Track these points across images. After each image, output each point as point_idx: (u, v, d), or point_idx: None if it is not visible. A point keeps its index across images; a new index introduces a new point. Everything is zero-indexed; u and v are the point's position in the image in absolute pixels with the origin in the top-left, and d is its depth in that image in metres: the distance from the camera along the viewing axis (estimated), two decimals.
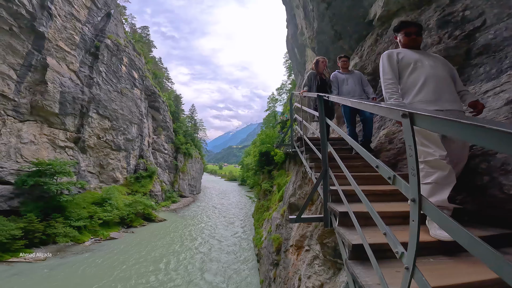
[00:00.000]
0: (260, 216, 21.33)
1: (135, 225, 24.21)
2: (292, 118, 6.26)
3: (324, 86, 4.76)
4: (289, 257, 9.67)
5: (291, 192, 10.94)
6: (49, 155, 21.88)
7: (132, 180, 31.85)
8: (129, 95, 32.22)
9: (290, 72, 41.90)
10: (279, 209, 14.43)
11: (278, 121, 37.17)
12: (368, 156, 1.46)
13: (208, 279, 14.70)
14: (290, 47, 18.49)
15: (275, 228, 13.24)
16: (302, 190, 9.72)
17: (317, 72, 4.92)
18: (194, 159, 51.62)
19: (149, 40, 51.36)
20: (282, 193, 17.18)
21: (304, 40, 14.07)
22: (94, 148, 27.11)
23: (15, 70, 18.79)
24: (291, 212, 10.75)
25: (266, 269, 12.73)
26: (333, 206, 2.45)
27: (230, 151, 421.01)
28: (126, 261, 16.18)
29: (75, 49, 23.57)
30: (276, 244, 11.72)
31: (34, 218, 17.04)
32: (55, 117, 22.26)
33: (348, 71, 4.68)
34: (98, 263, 15.59)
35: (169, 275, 14.87)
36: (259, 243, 16.47)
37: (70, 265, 14.98)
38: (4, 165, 18.14)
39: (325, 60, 5.04)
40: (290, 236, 10.03)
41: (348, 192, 2.35)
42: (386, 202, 2.55)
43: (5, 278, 12.58)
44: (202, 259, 17.69)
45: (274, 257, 11.54)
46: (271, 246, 12.24)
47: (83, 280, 13.41)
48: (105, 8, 27.20)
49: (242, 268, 16.23)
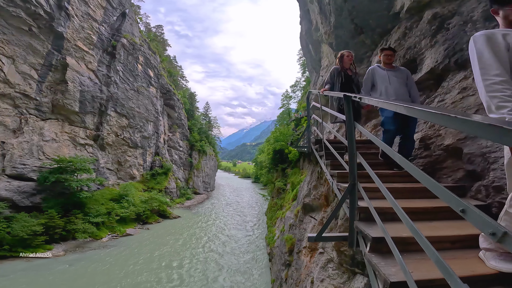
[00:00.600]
0: (273, 215, 21.12)
1: (150, 222, 24.64)
2: (309, 118, 5.87)
3: (349, 84, 4.23)
4: (301, 259, 9.44)
5: (305, 192, 10.59)
6: (70, 152, 22.60)
7: (148, 177, 32.49)
8: (145, 93, 32.75)
9: (304, 69, 41.31)
10: (293, 209, 14.14)
11: (293, 119, 36.62)
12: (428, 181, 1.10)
13: (219, 276, 14.71)
14: (304, 44, 17.96)
15: (288, 228, 12.98)
16: (318, 191, 9.36)
17: (342, 67, 4.35)
18: (208, 156, 52.03)
19: (164, 39, 51.99)
20: (296, 192, 16.82)
21: (319, 36, 13.58)
22: (112, 146, 27.79)
23: (36, 70, 19.44)
24: (305, 212, 10.44)
25: (277, 269, 12.57)
26: (363, 227, 2.11)
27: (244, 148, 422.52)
28: (141, 257, 16.42)
29: (93, 49, 24.11)
30: (289, 244, 11.47)
31: (55, 214, 17.61)
32: (75, 115, 22.92)
33: (392, 67, 3.82)
34: (115, 259, 15.92)
35: (181, 272, 14.97)
36: (272, 242, 16.27)
37: (88, 260, 15.38)
38: (26, 162, 18.87)
39: (350, 54, 4.41)
40: (304, 237, 9.78)
41: (381, 209, 2.02)
42: (427, 222, 2.20)
43: (25, 274, 13.02)
44: (214, 256, 17.72)
45: (286, 258, 11.32)
46: (284, 246, 12.02)
47: (100, 276, 13.71)
48: (120, 8, 27.63)
49: (254, 266, 16.11)
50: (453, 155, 2.90)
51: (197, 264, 16.07)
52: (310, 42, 16.14)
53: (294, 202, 15.63)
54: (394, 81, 3.60)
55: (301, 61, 42.26)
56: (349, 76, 4.29)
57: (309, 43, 16.59)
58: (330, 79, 4.37)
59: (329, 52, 11.60)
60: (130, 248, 17.98)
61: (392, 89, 3.57)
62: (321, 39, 13.55)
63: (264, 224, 25.08)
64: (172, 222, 25.66)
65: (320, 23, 10.74)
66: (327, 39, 9.87)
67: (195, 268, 15.42)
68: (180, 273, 14.67)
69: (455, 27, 3.50)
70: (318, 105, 4.41)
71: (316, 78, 16.90)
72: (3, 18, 16.68)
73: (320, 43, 14.43)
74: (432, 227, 2.11)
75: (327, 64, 13.03)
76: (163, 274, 14.46)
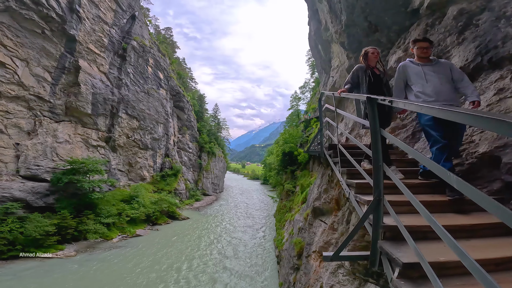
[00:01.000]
0: (282, 217, 20.87)
1: (159, 223, 24.78)
2: (322, 121, 5.58)
3: (379, 85, 3.65)
4: (311, 263, 9.26)
5: (315, 195, 10.34)
6: (83, 153, 23.00)
7: (158, 178, 32.78)
8: (155, 96, 33.09)
9: (313, 70, 41.13)
10: (302, 212, 13.91)
11: (302, 120, 36.27)
12: None
13: (227, 278, 14.65)
14: (313, 44, 17.67)
15: (297, 231, 12.77)
16: (328, 194, 9.11)
17: (367, 66, 3.75)
18: (217, 158, 52.17)
19: (173, 41, 52.58)
20: (305, 194, 16.53)
21: (328, 36, 13.30)
22: (123, 147, 28.17)
23: (49, 73, 19.86)
24: (315, 216, 10.19)
25: (286, 272, 12.38)
26: (390, 248, 1.86)
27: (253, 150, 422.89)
28: (149, 259, 16.45)
29: (104, 51, 24.52)
30: (298, 248, 11.26)
31: (68, 214, 17.90)
32: (88, 117, 23.33)
33: (429, 61, 3.11)
34: (124, 260, 15.99)
35: (188, 275, 14.92)
36: (280, 245, 16.06)
37: (98, 261, 15.50)
38: (40, 163, 19.28)
39: (376, 50, 3.79)
40: (313, 242, 9.57)
41: (411, 228, 1.77)
42: (464, 240, 1.93)
43: (36, 274, 13.22)
44: (221, 258, 17.62)
45: (295, 261, 11.14)
46: (293, 250, 11.82)
47: (108, 277, 13.77)
48: (130, 11, 28.02)
49: (262, 269, 15.95)
50: (489, 164, 2.60)
51: (204, 267, 15.96)
52: (319, 42, 15.83)
53: (303, 205, 15.34)
54: (433, 78, 2.95)
55: (310, 62, 42.05)
56: (377, 75, 3.70)
57: (318, 43, 16.28)
58: (351, 78, 3.79)
59: (340, 52, 11.28)
60: (140, 249, 18.06)
61: (430, 88, 2.93)
62: (331, 39, 13.24)
63: (272, 226, 24.81)
64: (181, 224, 25.72)
65: (330, 22, 10.48)
66: (338, 39, 9.58)
67: (203, 271, 15.31)
68: (188, 276, 14.59)
69: (486, 23, 3.20)
70: (332, 108, 4.13)
71: (326, 79, 16.57)
72: (16, 21, 17.07)
73: (329, 43, 14.11)
74: (471, 247, 1.84)
75: (337, 64, 12.72)
76: (170, 277, 14.40)
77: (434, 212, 2.27)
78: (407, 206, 2.19)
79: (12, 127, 17.86)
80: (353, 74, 3.79)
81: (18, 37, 17.32)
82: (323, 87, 17.69)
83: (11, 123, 17.74)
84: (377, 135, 1.88)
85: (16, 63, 17.39)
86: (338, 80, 11.72)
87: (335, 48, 13.01)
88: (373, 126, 1.91)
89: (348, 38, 7.97)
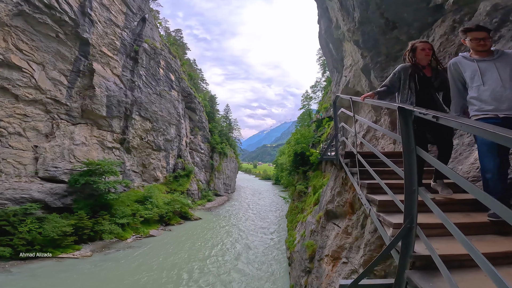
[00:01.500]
0: (294, 218, 20.62)
1: (172, 223, 25.04)
2: (337, 126, 5.28)
3: (428, 90, 2.82)
4: (323, 267, 9.07)
5: (328, 198, 10.07)
6: (99, 155, 23.56)
7: (171, 179, 33.19)
8: (167, 97, 33.49)
9: (324, 69, 40.56)
10: (315, 214, 13.66)
11: (314, 120, 35.73)
12: None
13: (238, 279, 14.62)
14: (324, 43, 17.25)
15: (310, 234, 12.57)
16: (342, 198, 8.82)
17: (414, 66, 2.88)
18: (229, 158, 52.32)
19: (183, 43, 53.04)
20: (318, 196, 16.22)
21: (340, 34, 12.90)
22: (137, 149, 28.67)
23: (65, 76, 20.41)
24: (328, 219, 9.93)
25: (297, 275, 12.24)
26: (420, 281, 1.61)
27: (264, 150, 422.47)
28: (162, 260, 16.58)
29: (117, 54, 24.97)
30: (310, 251, 11.05)
31: (84, 215, 18.35)
32: (103, 119, 23.86)
33: (489, 54, 2.33)
34: (137, 261, 16.19)
35: (200, 274, 15.03)
36: (292, 246, 15.86)
37: (113, 261, 15.78)
38: (58, 165, 19.87)
39: (428, 45, 2.85)
40: (326, 245, 9.35)
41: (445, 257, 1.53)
42: (506, 267, 1.66)
43: (53, 274, 13.57)
44: (234, 258, 17.60)
45: (306, 264, 10.96)
46: (304, 252, 11.65)
47: (122, 277, 13.96)
48: (140, 13, 28.38)
49: (273, 270, 15.82)
50: None
51: (215, 268, 15.92)
52: (331, 41, 15.42)
53: (316, 207, 15.04)
54: (493, 77, 2.19)
55: (321, 61, 41.49)
56: (427, 78, 2.82)
57: (329, 42, 15.87)
58: (390, 81, 2.99)
59: (353, 51, 10.87)
60: (153, 250, 18.27)
61: (488, 92, 2.19)
62: (343, 37, 12.80)
63: (284, 227, 24.55)
64: (193, 224, 25.88)
65: (342, 20, 10.12)
66: (351, 37, 9.21)
67: (213, 273, 15.29)
68: (198, 278, 14.57)
69: None
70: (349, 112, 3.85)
71: (339, 78, 16.13)
72: (31, 25, 17.54)
73: (341, 42, 13.67)
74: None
75: (350, 63, 12.30)
76: (181, 278, 14.44)
77: (471, 234, 2.01)
78: (440, 229, 1.94)
79: (30, 130, 18.48)
80: (393, 76, 3.00)
81: (33, 41, 17.83)
82: (335, 86, 17.25)
83: (29, 126, 18.35)
84: (411, 155, 1.62)
85: (32, 67, 17.93)
86: (351, 79, 11.34)
87: (348, 47, 12.60)
88: (406, 144, 1.63)
89: (362, 36, 7.60)
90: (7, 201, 16.23)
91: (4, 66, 16.32)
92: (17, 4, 16.19)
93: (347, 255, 7.36)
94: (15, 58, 16.69)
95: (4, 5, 15.51)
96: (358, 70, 9.94)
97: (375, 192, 2.72)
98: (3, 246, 14.31)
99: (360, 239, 6.78)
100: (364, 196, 2.82)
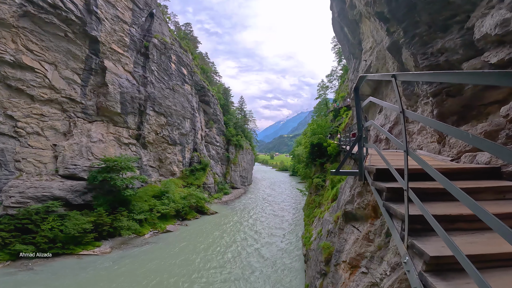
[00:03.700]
0: (311, 212, 19.92)
1: (189, 218, 25.12)
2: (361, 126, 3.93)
3: None
4: (339, 273, 8.40)
5: (347, 198, 9.22)
6: (116, 152, 23.87)
7: (187, 173, 33.34)
8: (181, 91, 33.30)
9: (340, 57, 38.82)
10: (332, 212, 12.93)
11: (331, 109, 34.36)
12: None
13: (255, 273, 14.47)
14: (338, 29, 15.95)
15: (326, 234, 11.90)
16: (363, 199, 7.98)
17: None
18: (245, 150, 51.98)
19: (194, 36, 52.51)
20: (335, 191, 15.40)
21: (355, 15, 11.63)
22: (153, 144, 28.87)
23: (78, 75, 20.54)
24: (346, 221, 9.15)
25: (312, 275, 11.77)
26: None
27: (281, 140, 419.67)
28: (177, 256, 16.57)
29: (127, 51, 24.83)
30: (326, 253, 10.40)
31: (103, 212, 18.64)
32: (118, 116, 24.04)
33: None
34: (154, 257, 16.26)
35: (219, 268, 14.91)
36: (308, 243, 15.31)
37: (131, 258, 15.92)
38: (77, 162, 20.26)
39: None
40: (344, 249, 8.64)
41: None
42: None
43: (74, 272, 13.86)
44: (249, 252, 17.36)
45: (322, 267, 10.41)
46: (320, 254, 11.08)
47: (140, 274, 14.02)
48: (147, 8, 27.92)
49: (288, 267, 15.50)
50: None
51: (230, 264, 15.65)
52: (345, 24, 14.14)
53: (333, 204, 14.23)
54: None
55: (336, 49, 39.84)
56: None
57: (343, 26, 14.59)
58: None
59: (373, 29, 9.61)
60: (169, 245, 18.31)
61: None
62: (359, 18, 11.55)
63: (300, 221, 23.91)
64: (210, 219, 25.84)
65: None
66: (370, 12, 7.99)
67: (228, 269, 15.03)
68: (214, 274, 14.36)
69: None
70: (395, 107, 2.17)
71: (357, 64, 14.84)
72: (38, 25, 17.58)
73: (357, 23, 12.41)
74: None
75: (371, 45, 11.03)
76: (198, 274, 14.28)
77: None
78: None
79: (48, 129, 18.85)
80: None
81: (42, 41, 17.91)
82: (353, 73, 15.96)
83: (47, 126, 18.71)
84: None
85: (44, 67, 18.09)
86: (374, 63, 10.05)
87: (366, 27, 11.38)
88: None
89: (388, 4, 6.19)
90: (29, 200, 16.74)
91: (17, 67, 16.54)
92: (20, 5, 16.21)
93: (367, 265, 6.57)
94: (26, 58, 16.86)
95: (7, 7, 15.57)
96: (382, 51, 8.74)
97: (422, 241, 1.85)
98: (26, 244, 14.77)
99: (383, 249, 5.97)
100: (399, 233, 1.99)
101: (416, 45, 5.70)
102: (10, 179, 16.86)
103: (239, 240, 20.09)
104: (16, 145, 17.33)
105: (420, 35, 5.53)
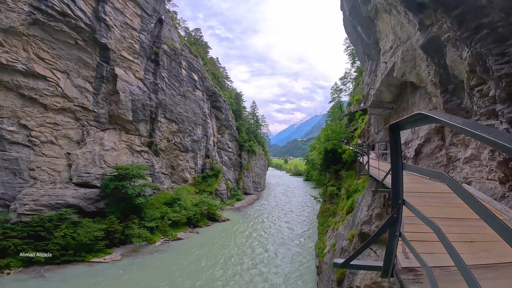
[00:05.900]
0: (325, 221, 19.05)
1: (200, 225, 24.74)
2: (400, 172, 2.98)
3: None
4: None
5: (365, 217, 8.49)
6: (128, 159, 24.00)
7: (199, 180, 33.15)
8: (192, 97, 33.36)
9: (353, 59, 37.62)
10: (347, 226, 12.19)
11: (345, 113, 33.21)
12: None
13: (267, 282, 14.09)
14: (351, 29, 14.98)
15: (340, 251, 11.20)
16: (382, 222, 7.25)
17: None
18: (257, 155, 51.41)
19: (204, 42, 52.77)
20: (351, 202, 14.57)
21: (371, 10, 10.45)
22: (165, 151, 28.93)
23: (90, 83, 20.87)
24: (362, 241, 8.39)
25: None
26: None
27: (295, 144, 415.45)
28: (187, 266, 16.15)
29: (137, 57, 25.10)
30: (339, 274, 9.85)
31: (115, 219, 18.62)
32: (130, 124, 24.24)
33: None
34: (164, 265, 15.95)
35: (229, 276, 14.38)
36: (321, 255, 14.63)
37: (141, 266, 15.69)
38: (90, 170, 20.47)
39: None
40: (358, 273, 7.88)
41: None
42: None
43: (84, 279, 13.75)
44: (261, 261, 16.79)
45: (334, 286, 9.88)
46: (333, 273, 10.57)
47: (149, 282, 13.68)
48: (155, 15, 28.22)
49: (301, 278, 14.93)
50: None
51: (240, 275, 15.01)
52: (358, 23, 13.11)
53: (348, 216, 13.46)
54: None
55: (349, 50, 38.73)
56: None
57: (356, 24, 13.55)
58: None
59: (397, 24, 8.33)
60: (179, 254, 17.96)
61: None
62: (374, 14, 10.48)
63: (314, 229, 22.92)
64: (221, 226, 25.34)
65: None
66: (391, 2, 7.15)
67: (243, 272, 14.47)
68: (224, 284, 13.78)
69: None
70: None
71: (373, 66, 13.72)
72: (48, 33, 17.92)
73: (372, 20, 11.37)
74: None
75: (392, 44, 9.81)
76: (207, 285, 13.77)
77: None
78: None
79: (62, 138, 19.19)
80: None
81: (54, 49, 18.26)
82: (369, 76, 14.89)
83: (61, 134, 19.05)
84: None
85: (57, 76, 18.44)
86: (399, 65, 8.54)
87: (383, 24, 10.38)
88: None
89: None
90: (43, 207, 16.96)
91: (29, 76, 16.93)
92: (29, 13, 16.49)
93: None
94: (38, 67, 17.23)
95: (16, 15, 15.85)
96: (410, 51, 7.63)
97: None
98: (38, 251, 14.87)
99: None
100: None
101: (484, 41, 3.98)
102: (25, 187, 17.20)
103: (248, 248, 19.47)
104: (31, 154, 17.71)
105: (492, 27, 3.85)
